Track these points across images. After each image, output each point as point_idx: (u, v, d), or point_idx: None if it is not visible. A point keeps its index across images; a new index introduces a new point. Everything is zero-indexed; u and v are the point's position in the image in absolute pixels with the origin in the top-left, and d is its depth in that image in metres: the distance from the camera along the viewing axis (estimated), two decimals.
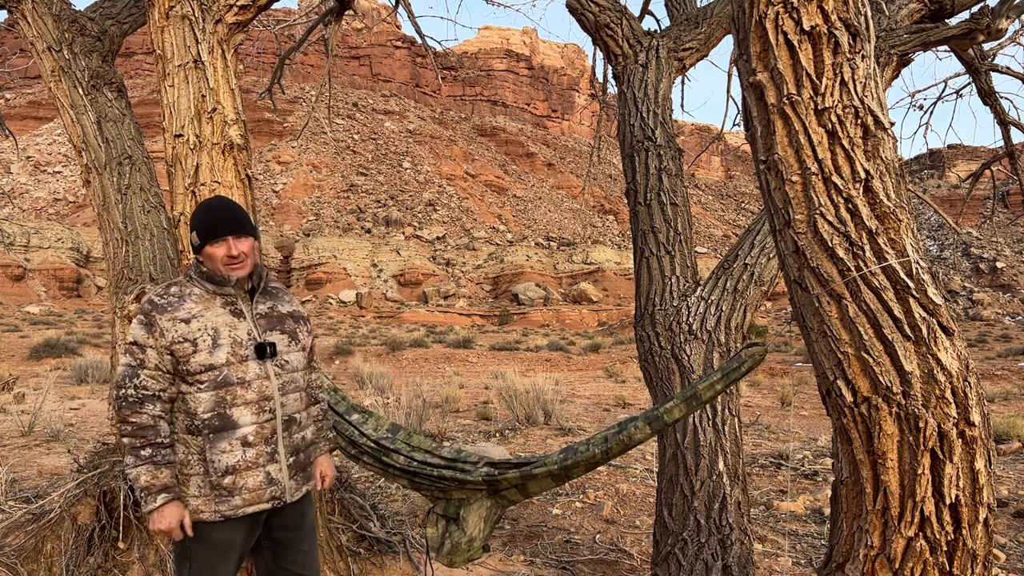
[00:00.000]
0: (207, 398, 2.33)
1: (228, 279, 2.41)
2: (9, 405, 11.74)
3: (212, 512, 2.35)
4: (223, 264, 2.40)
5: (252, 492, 2.37)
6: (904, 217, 1.93)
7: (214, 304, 2.40)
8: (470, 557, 2.85)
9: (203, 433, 2.33)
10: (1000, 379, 21.51)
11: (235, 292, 2.44)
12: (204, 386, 2.33)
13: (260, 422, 2.39)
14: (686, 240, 3.93)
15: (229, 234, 2.40)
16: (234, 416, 2.35)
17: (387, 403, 11.54)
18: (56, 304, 69.81)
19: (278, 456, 2.43)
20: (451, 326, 63.00)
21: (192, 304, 2.37)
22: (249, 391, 2.37)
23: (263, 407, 2.40)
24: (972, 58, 4.80)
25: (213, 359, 2.33)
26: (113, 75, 4.37)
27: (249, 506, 2.38)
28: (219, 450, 2.33)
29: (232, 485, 2.34)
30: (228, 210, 2.45)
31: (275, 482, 2.42)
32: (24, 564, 3.58)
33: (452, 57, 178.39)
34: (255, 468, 2.37)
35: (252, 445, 2.37)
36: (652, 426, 2.62)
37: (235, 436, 2.34)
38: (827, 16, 1.90)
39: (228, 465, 2.34)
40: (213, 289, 2.41)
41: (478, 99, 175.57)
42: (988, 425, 1.96)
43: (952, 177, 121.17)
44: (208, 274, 2.42)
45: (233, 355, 2.36)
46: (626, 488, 6.82)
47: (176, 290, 2.40)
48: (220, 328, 2.37)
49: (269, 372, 2.42)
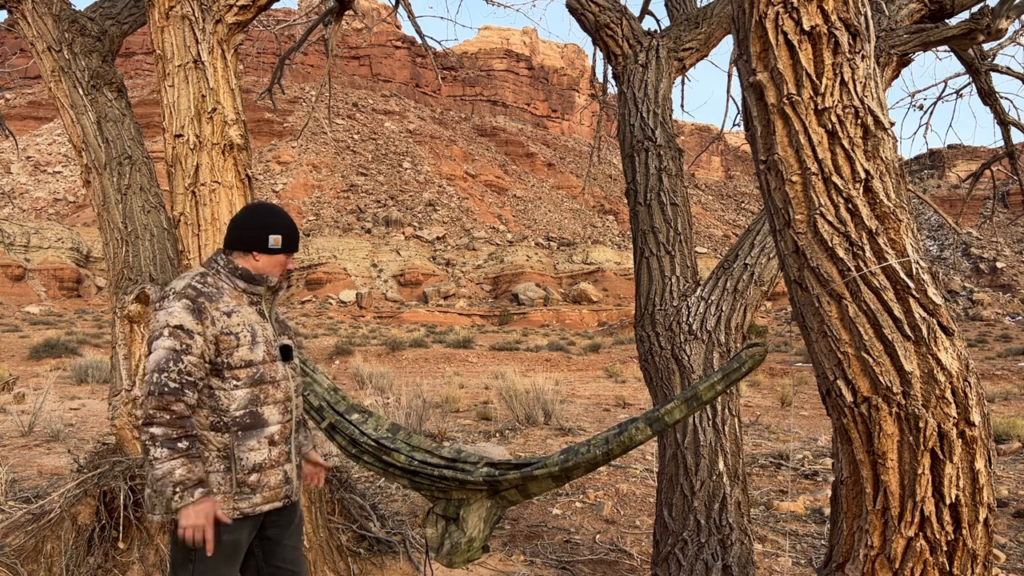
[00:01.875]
0: (242, 395, 2.33)
1: (265, 280, 2.43)
2: (9, 405, 11.74)
3: (231, 510, 2.34)
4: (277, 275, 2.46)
5: (272, 490, 2.41)
6: (904, 217, 1.93)
7: (243, 302, 2.41)
8: (469, 558, 2.85)
9: (231, 430, 2.32)
10: (1000, 379, 21.52)
11: (264, 293, 2.46)
12: (241, 382, 2.33)
13: (284, 422, 2.44)
14: (686, 240, 3.93)
15: (295, 250, 2.50)
16: (264, 414, 2.38)
17: (387, 403, 11.55)
18: (56, 304, 69.82)
19: (291, 455, 2.49)
20: (451, 326, 63.01)
21: (229, 299, 2.37)
22: (278, 391, 2.42)
23: (287, 407, 2.45)
24: (972, 58, 4.80)
25: (253, 355, 2.35)
26: (113, 75, 4.37)
27: (266, 504, 2.40)
28: (247, 448, 2.34)
29: (256, 483, 2.37)
30: (295, 226, 2.51)
31: (289, 480, 2.47)
32: (24, 564, 3.58)
33: (452, 57, 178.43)
34: (277, 467, 2.42)
35: (276, 444, 2.41)
36: (653, 427, 2.62)
37: (264, 435, 2.37)
38: (827, 16, 1.90)
39: (255, 463, 2.36)
40: (244, 287, 2.41)
41: (478, 99, 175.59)
42: (988, 425, 1.96)
43: (952, 177, 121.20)
44: (243, 272, 2.41)
45: (267, 354, 2.40)
46: (626, 488, 6.82)
47: (212, 281, 2.38)
48: (255, 326, 2.39)
49: (289, 373, 2.49)
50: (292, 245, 2.49)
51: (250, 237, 2.43)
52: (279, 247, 2.44)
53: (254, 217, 2.46)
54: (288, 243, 2.47)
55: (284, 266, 2.48)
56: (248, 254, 2.43)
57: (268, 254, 2.43)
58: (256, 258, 2.43)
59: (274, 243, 2.43)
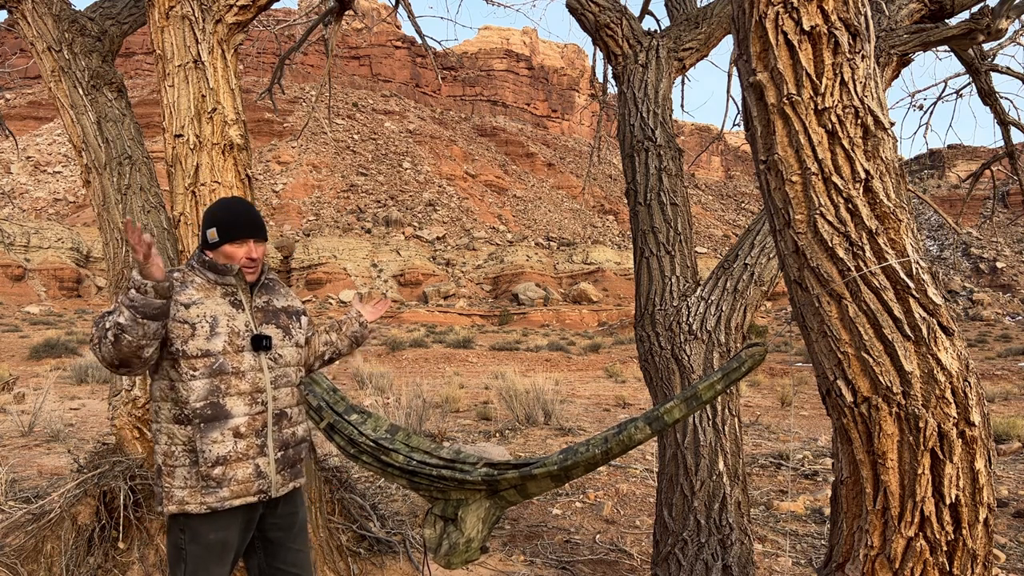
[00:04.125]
0: (201, 386, 2.33)
1: (230, 269, 2.44)
2: (9, 405, 11.74)
3: (198, 504, 2.33)
4: (241, 265, 2.46)
5: (240, 484, 2.37)
6: (904, 217, 1.93)
7: (214, 294, 2.42)
8: (468, 558, 2.85)
9: (193, 423, 2.32)
10: (1000, 379, 21.52)
11: (236, 283, 2.47)
12: (198, 373, 2.33)
13: (252, 414, 2.40)
14: (686, 240, 3.93)
15: (251, 237, 2.47)
16: (227, 406, 2.35)
17: (387, 403, 11.55)
18: (56, 304, 69.81)
19: (267, 449, 2.43)
20: (451, 326, 62.99)
21: (193, 291, 2.39)
22: (243, 381, 2.39)
23: (256, 399, 2.41)
24: (972, 58, 4.80)
25: (210, 345, 2.34)
26: (113, 75, 4.37)
27: (236, 498, 2.36)
28: (210, 440, 2.32)
29: (221, 476, 2.34)
30: (250, 213, 2.51)
31: (263, 475, 2.42)
32: (24, 564, 3.58)
33: (452, 57, 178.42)
34: (245, 460, 2.37)
35: (243, 436, 2.37)
36: (652, 426, 2.62)
37: (227, 426, 2.35)
38: (827, 16, 1.90)
39: (219, 455, 2.33)
40: (215, 279, 2.44)
41: (478, 99, 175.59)
42: (988, 425, 1.96)
43: (952, 177, 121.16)
44: (211, 263, 2.44)
45: (230, 344, 2.38)
46: (626, 488, 6.82)
47: (179, 276, 2.42)
48: (219, 317, 2.39)
49: (263, 364, 2.44)
50: (235, 234, 2.43)
51: (201, 236, 2.50)
52: (217, 240, 2.44)
53: (206, 216, 2.51)
54: (226, 233, 2.43)
55: (243, 255, 2.45)
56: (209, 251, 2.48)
57: (213, 249, 2.46)
58: (207, 255, 2.47)
59: (211, 236, 2.45)
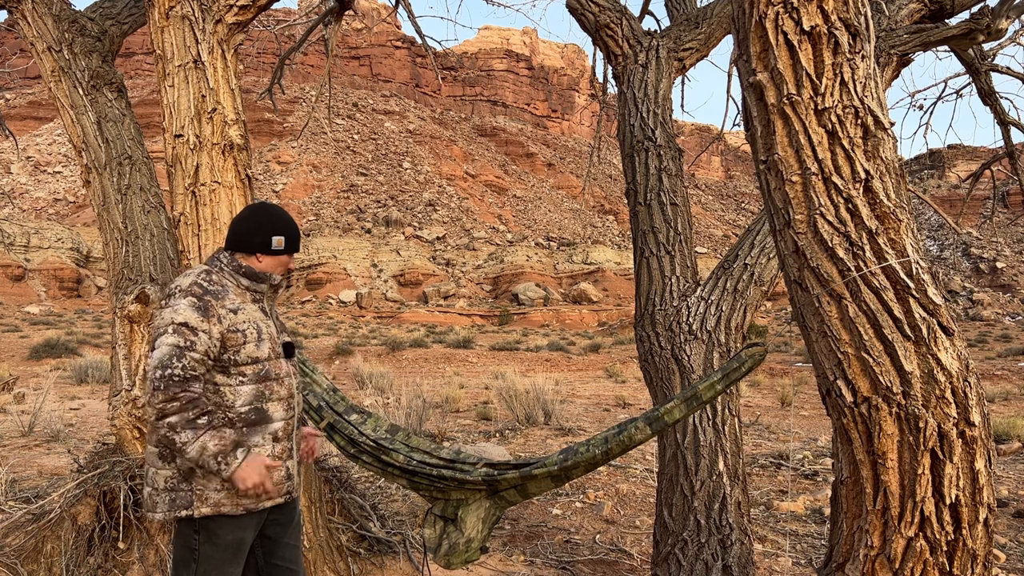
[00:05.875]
0: (248, 391, 2.35)
1: (269, 278, 2.46)
2: (9, 405, 11.74)
3: (234, 505, 2.34)
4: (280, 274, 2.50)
5: (276, 486, 2.41)
6: (904, 217, 1.93)
7: (247, 300, 2.44)
8: (468, 558, 2.85)
9: (236, 426, 2.33)
10: (1000, 379, 21.51)
11: (265, 291, 2.49)
12: (247, 379, 2.35)
13: (287, 418, 2.46)
14: (686, 240, 3.93)
15: (297, 250, 2.55)
16: (269, 411, 2.40)
17: (387, 403, 11.55)
18: (56, 304, 69.81)
19: (294, 452, 2.51)
20: (451, 326, 62.98)
21: (233, 296, 2.40)
22: (282, 387, 2.44)
23: (290, 404, 2.47)
24: (972, 58, 4.80)
25: (259, 352, 2.37)
26: (113, 75, 4.37)
27: (269, 500, 2.41)
28: (252, 444, 2.36)
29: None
30: (297, 227, 2.57)
31: (291, 477, 2.49)
32: (24, 564, 3.58)
33: (452, 57, 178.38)
34: (280, 463, 2.43)
35: (279, 440, 2.43)
36: (652, 427, 2.62)
37: (268, 431, 2.39)
38: (827, 16, 1.90)
39: None
40: (247, 285, 2.44)
41: (478, 99, 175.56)
42: (988, 425, 1.96)
43: (952, 177, 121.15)
44: (248, 270, 2.44)
45: (272, 351, 2.42)
46: (626, 488, 6.82)
47: (217, 278, 2.40)
48: (259, 323, 2.41)
49: (292, 370, 2.52)
50: (294, 246, 2.53)
51: (254, 240, 2.45)
52: (282, 248, 2.47)
53: (258, 219, 2.48)
54: (291, 244, 2.51)
55: (286, 266, 2.52)
56: (252, 255, 2.46)
57: (272, 255, 2.47)
58: (259, 259, 2.46)
59: (277, 245, 2.46)
